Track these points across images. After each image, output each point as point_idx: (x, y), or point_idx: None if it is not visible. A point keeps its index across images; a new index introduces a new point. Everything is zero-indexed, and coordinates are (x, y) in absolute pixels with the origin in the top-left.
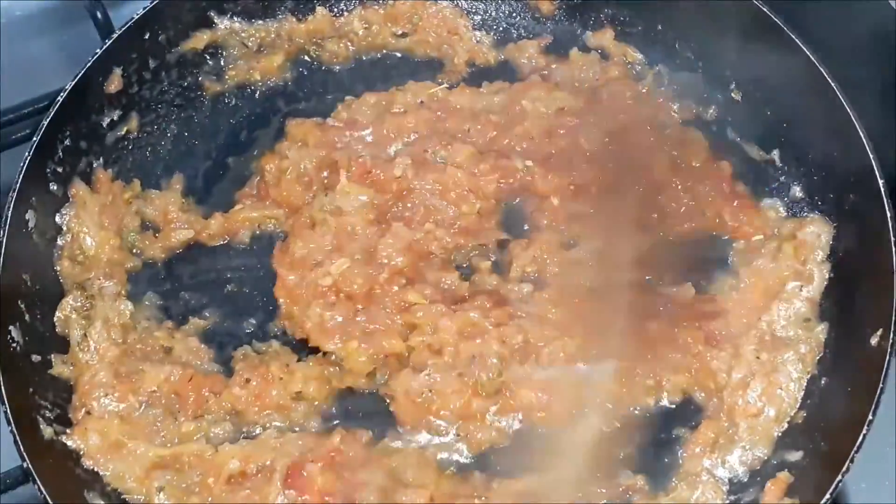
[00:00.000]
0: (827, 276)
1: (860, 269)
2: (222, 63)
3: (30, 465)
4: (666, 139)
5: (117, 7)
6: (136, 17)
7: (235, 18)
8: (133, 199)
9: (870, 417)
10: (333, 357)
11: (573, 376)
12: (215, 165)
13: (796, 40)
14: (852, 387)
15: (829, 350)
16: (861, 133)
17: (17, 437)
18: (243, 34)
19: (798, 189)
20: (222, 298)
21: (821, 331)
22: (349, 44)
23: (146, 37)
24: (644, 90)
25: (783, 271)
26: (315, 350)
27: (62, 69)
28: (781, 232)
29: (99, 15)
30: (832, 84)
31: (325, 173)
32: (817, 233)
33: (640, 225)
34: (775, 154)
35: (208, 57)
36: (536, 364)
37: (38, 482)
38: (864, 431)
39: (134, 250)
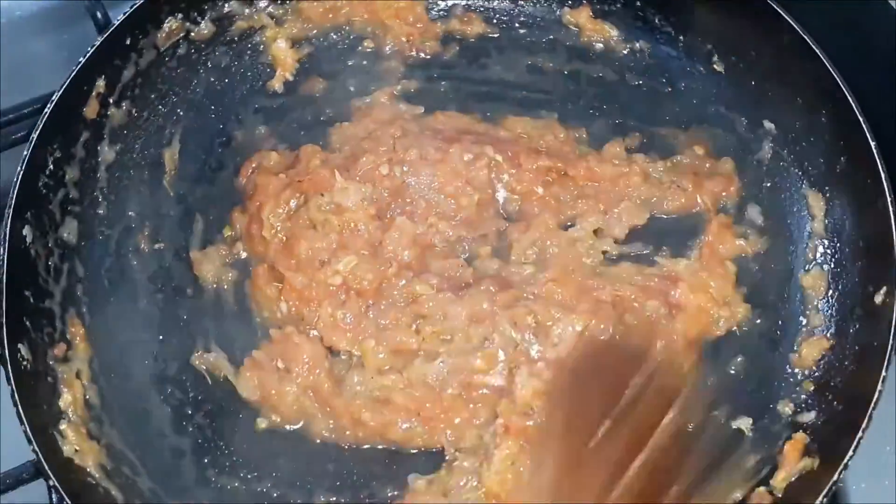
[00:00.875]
0: (826, 241)
1: (858, 230)
2: None
3: (56, 483)
4: None
5: (117, 7)
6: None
7: None
8: None
9: (883, 374)
10: (342, 355)
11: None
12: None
13: (778, 9)
14: (861, 346)
15: (836, 313)
16: (848, 94)
17: (41, 456)
18: None
19: (788, 158)
20: None
21: (825, 294)
22: None
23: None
24: None
25: None
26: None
27: (62, 69)
28: None
29: (99, 15)
30: (816, 49)
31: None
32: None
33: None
34: (763, 124)
35: None
36: (547, 341)
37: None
38: (879, 388)
39: None
